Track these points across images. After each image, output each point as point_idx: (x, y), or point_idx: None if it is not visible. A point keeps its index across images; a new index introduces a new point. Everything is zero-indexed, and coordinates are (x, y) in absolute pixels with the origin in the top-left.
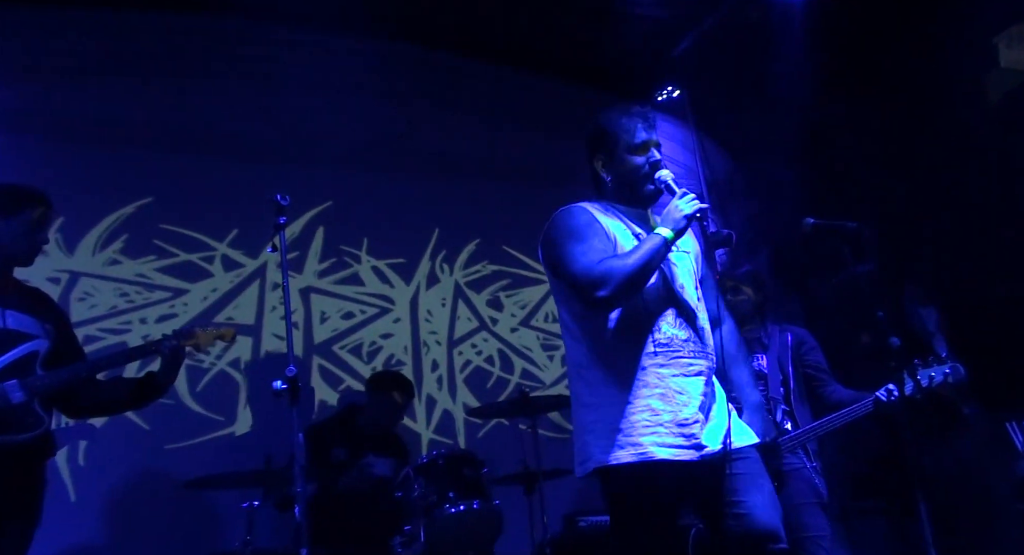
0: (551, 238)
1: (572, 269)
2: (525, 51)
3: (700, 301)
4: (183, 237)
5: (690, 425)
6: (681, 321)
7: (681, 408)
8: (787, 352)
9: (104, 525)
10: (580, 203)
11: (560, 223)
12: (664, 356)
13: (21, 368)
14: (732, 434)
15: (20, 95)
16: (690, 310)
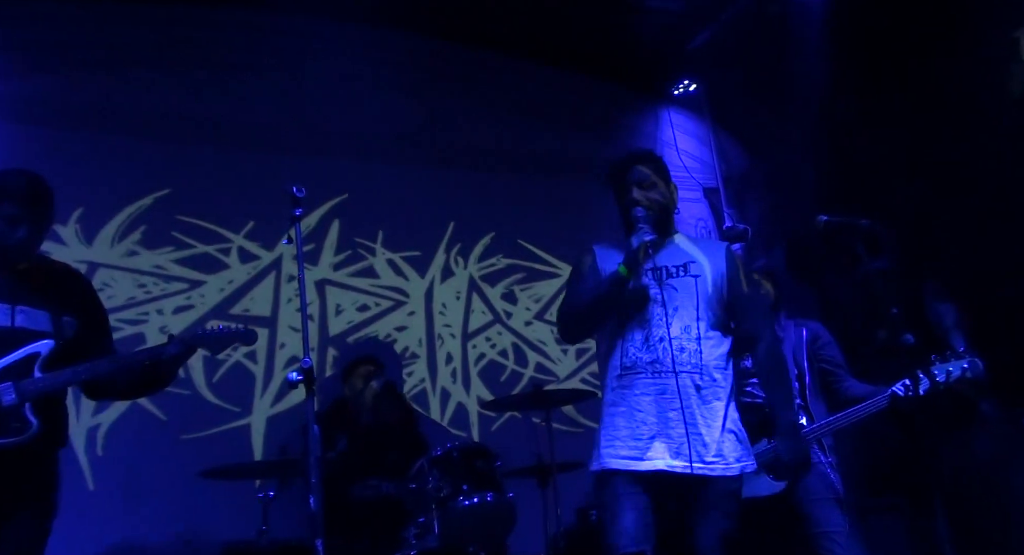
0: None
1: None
2: (543, 45)
3: (700, 321)
4: (200, 229)
5: (644, 440)
6: (648, 345)
7: (639, 425)
8: (802, 347)
9: (121, 514)
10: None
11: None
12: (627, 378)
13: (19, 369)
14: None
15: (40, 87)
16: (664, 334)
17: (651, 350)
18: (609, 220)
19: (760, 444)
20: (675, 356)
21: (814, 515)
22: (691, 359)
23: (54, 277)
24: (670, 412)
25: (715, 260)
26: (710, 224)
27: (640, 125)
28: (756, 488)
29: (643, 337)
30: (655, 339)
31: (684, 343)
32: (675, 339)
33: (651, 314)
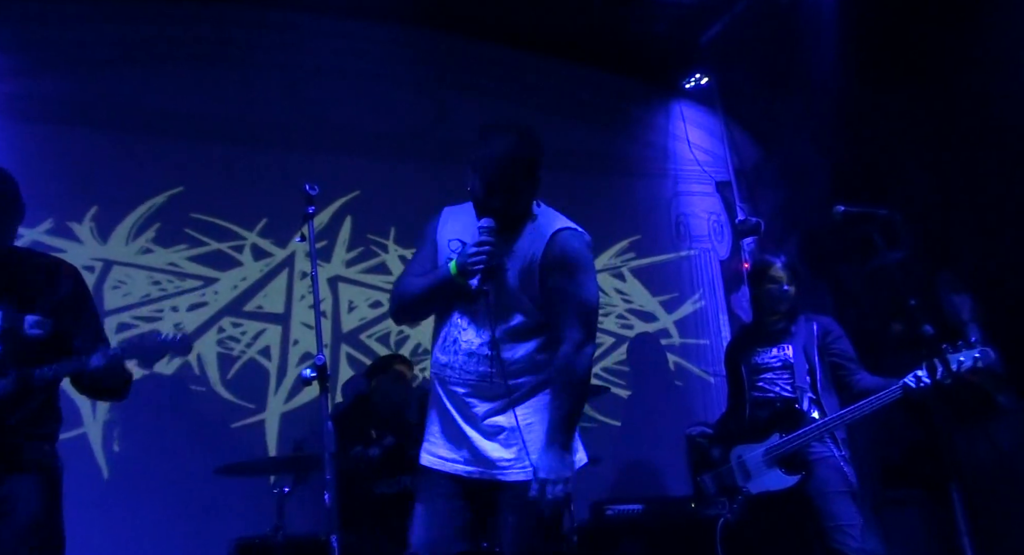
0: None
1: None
2: (554, 38)
3: (491, 329)
4: (213, 226)
5: (450, 441)
6: (455, 349)
7: (447, 424)
8: (813, 341)
9: (137, 509)
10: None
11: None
12: (438, 377)
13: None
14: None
15: (53, 85)
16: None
17: (454, 354)
18: (622, 213)
19: (772, 438)
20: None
21: (828, 509)
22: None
23: (29, 269)
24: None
25: (533, 248)
26: (723, 218)
27: (652, 119)
28: (768, 483)
29: (446, 339)
30: (462, 342)
31: (491, 348)
32: (466, 342)
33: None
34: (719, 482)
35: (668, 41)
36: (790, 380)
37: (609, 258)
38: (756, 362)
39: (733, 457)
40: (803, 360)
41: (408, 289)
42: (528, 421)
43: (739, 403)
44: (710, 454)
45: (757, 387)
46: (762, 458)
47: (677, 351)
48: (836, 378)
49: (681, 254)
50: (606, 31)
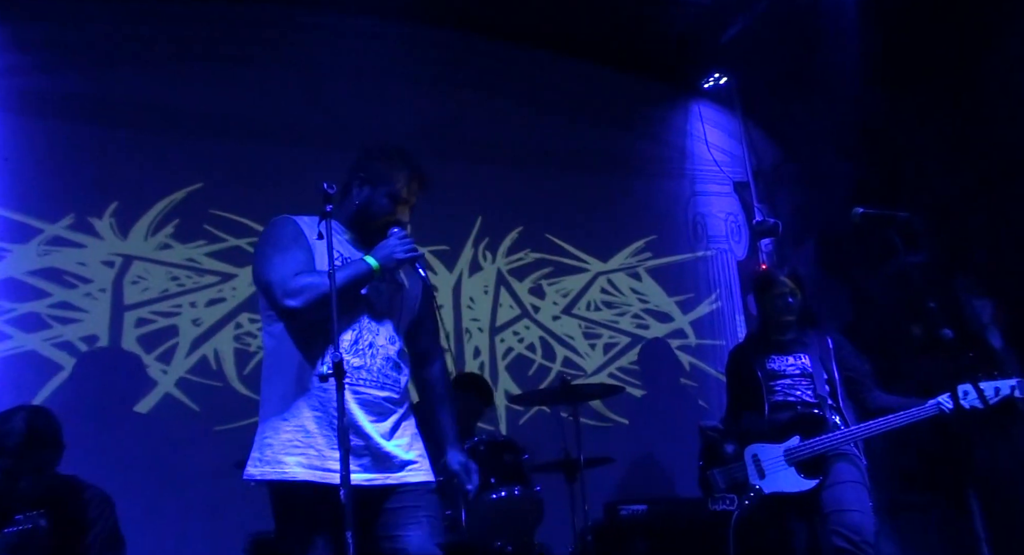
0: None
1: (270, 276)
2: (571, 38)
3: (397, 336)
4: (232, 222)
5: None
6: (371, 352)
7: (336, 430)
8: (829, 355)
9: (155, 503)
10: (289, 216)
11: (265, 233)
12: (347, 382)
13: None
14: (400, 469)
15: (75, 82)
16: (373, 340)
17: (361, 355)
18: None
19: (792, 440)
20: (385, 365)
21: (835, 496)
22: (394, 372)
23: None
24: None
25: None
26: (740, 219)
27: (670, 119)
28: (783, 483)
29: (354, 339)
30: (368, 345)
31: (391, 354)
32: (385, 349)
33: (366, 316)
34: (730, 478)
35: (687, 41)
36: (811, 387)
37: (625, 258)
38: (772, 368)
39: (748, 454)
40: (821, 370)
41: (323, 283)
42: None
43: (754, 405)
44: (722, 449)
45: (775, 391)
46: (780, 458)
47: (693, 352)
48: (850, 393)
49: (698, 254)
50: (624, 31)
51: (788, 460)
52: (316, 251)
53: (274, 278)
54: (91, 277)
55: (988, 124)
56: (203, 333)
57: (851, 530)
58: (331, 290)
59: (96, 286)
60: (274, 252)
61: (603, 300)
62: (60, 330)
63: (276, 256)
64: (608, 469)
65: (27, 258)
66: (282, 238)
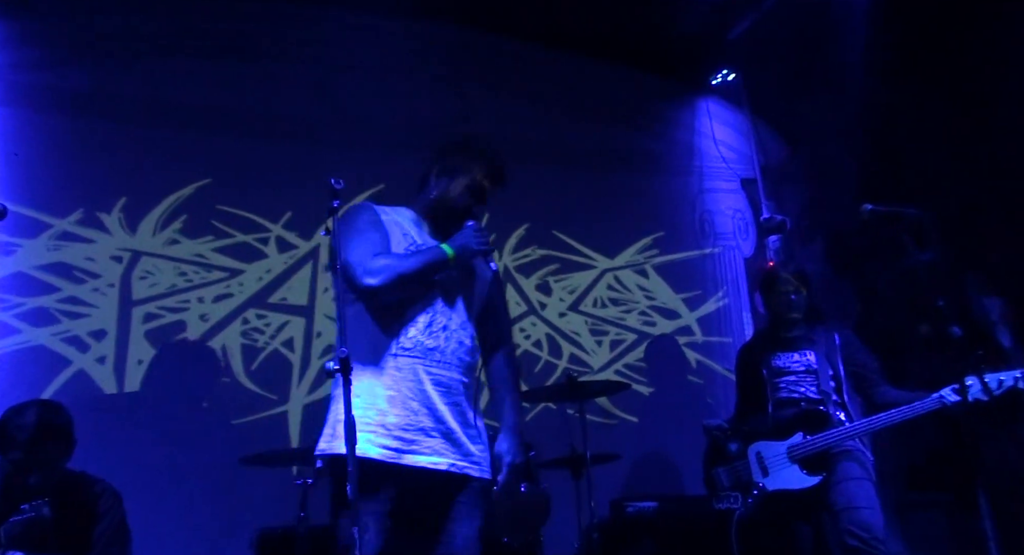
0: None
1: (349, 257)
2: (579, 35)
3: (469, 322)
4: (239, 218)
5: (413, 431)
6: (445, 335)
7: (410, 414)
8: (836, 351)
9: (162, 498)
10: (368, 202)
11: (345, 218)
12: (421, 362)
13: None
14: (465, 458)
15: (84, 77)
16: (447, 324)
17: (434, 337)
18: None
19: (795, 437)
20: (458, 349)
21: (844, 492)
22: (466, 356)
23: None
24: (446, 405)
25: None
26: (747, 216)
27: (678, 115)
28: (786, 481)
29: (429, 322)
30: (442, 327)
31: (463, 338)
32: (459, 333)
33: (443, 301)
34: (734, 476)
35: (695, 37)
36: (815, 384)
37: (632, 254)
38: (777, 365)
39: (751, 452)
40: (827, 367)
41: (406, 264)
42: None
43: (758, 402)
44: (727, 448)
45: (780, 388)
46: (783, 456)
47: (700, 349)
48: (858, 388)
49: (705, 251)
50: (632, 27)
51: (791, 457)
52: (393, 236)
53: (354, 258)
54: (100, 272)
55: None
56: (210, 328)
57: (861, 528)
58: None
59: (105, 281)
60: (352, 234)
61: (610, 297)
62: (69, 325)
63: (356, 238)
64: (614, 466)
65: (36, 253)
66: (361, 222)
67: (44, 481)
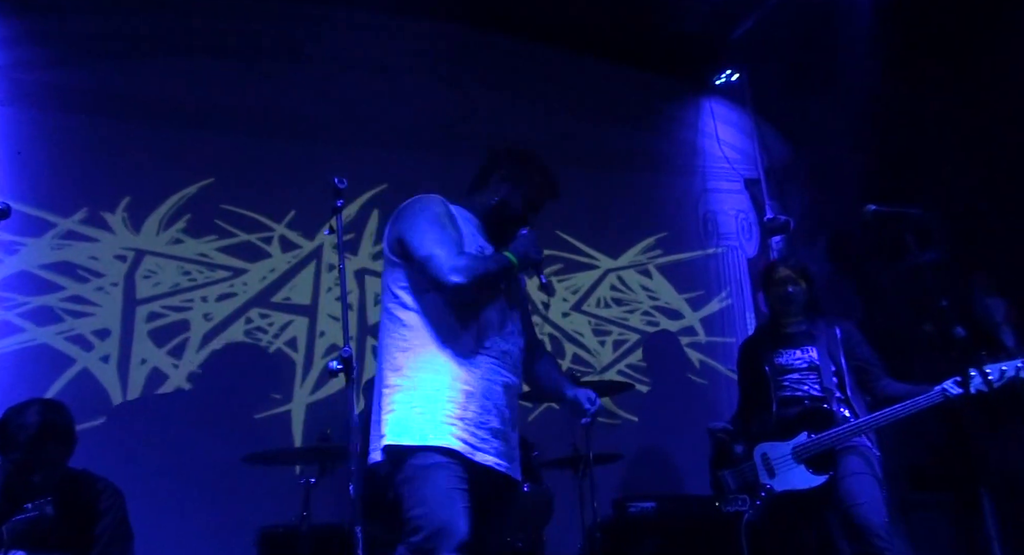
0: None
1: (432, 249)
2: (583, 34)
3: (523, 327)
4: (243, 218)
5: (484, 430)
6: (506, 334)
7: (483, 412)
8: (837, 345)
9: (165, 496)
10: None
11: (417, 207)
12: (497, 362)
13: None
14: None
15: (88, 77)
16: (513, 328)
17: (505, 342)
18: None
19: (800, 437)
20: (518, 352)
21: (853, 488)
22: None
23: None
24: (506, 407)
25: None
26: (751, 216)
27: (681, 115)
28: (793, 481)
29: (501, 326)
30: (511, 332)
31: (520, 343)
32: (518, 338)
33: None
34: (741, 478)
35: (699, 37)
36: (818, 381)
37: (636, 254)
38: (780, 363)
39: (757, 454)
40: (829, 362)
41: (486, 266)
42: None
43: (762, 402)
44: (732, 450)
45: (783, 387)
46: (788, 456)
47: (703, 349)
48: (861, 383)
49: (708, 251)
50: (636, 27)
51: (797, 457)
52: (464, 236)
53: (439, 252)
54: (103, 271)
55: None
56: (214, 327)
57: (863, 523)
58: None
59: (108, 280)
60: (432, 226)
61: (613, 297)
62: (72, 324)
63: (436, 230)
64: (617, 466)
65: (40, 252)
66: (439, 214)
67: (47, 480)
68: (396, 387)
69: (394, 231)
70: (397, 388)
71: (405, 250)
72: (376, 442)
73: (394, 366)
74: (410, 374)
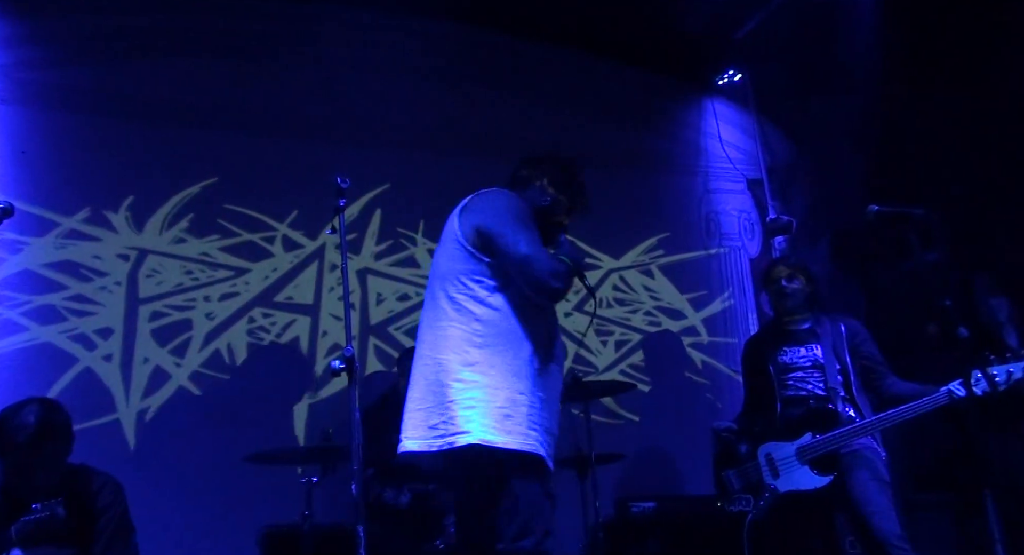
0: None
1: (530, 250)
2: (584, 33)
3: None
4: (245, 217)
5: (551, 436)
6: (561, 343)
7: (551, 416)
8: (842, 342)
9: (167, 495)
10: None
11: (503, 202)
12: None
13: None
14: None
15: (91, 76)
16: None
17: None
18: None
19: (804, 437)
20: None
21: (866, 496)
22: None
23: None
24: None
25: None
26: (753, 216)
27: (684, 115)
28: (797, 482)
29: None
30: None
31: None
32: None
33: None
34: (745, 479)
35: (701, 37)
36: (822, 379)
37: (638, 255)
38: (784, 361)
39: (761, 454)
40: (834, 360)
41: (569, 271)
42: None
43: (767, 401)
44: (736, 450)
45: (787, 385)
46: (793, 457)
47: (705, 349)
48: (867, 382)
49: (711, 252)
50: (638, 26)
51: (802, 458)
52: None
53: (538, 254)
54: (106, 270)
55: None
56: (216, 327)
57: (878, 533)
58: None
59: (111, 279)
60: (523, 226)
61: (615, 297)
62: (75, 323)
63: (529, 231)
64: (619, 466)
65: (43, 251)
66: (526, 214)
67: (48, 479)
68: (474, 383)
69: (474, 222)
70: (475, 384)
71: (489, 244)
72: (437, 428)
73: (468, 360)
74: (490, 373)
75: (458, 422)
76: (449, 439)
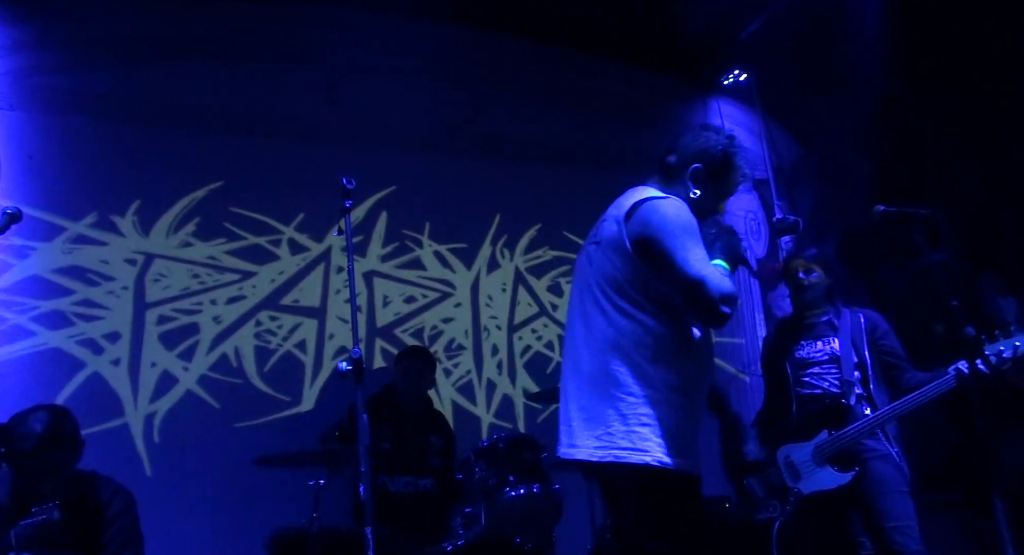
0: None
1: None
2: (589, 34)
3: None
4: (252, 220)
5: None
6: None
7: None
8: (861, 335)
9: (176, 499)
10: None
11: (673, 214)
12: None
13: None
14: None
15: (97, 80)
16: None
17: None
18: None
19: (820, 436)
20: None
21: (887, 508)
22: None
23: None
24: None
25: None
26: (760, 216)
27: (689, 115)
28: (820, 482)
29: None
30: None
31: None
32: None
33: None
34: (767, 484)
35: (707, 37)
36: (838, 374)
37: None
38: (801, 357)
39: (780, 457)
40: (851, 353)
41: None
42: None
43: (783, 400)
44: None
45: (803, 383)
46: (811, 457)
47: None
48: (887, 377)
49: None
50: (644, 27)
51: (820, 457)
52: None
53: (710, 274)
54: (114, 275)
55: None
56: (223, 330)
57: (899, 549)
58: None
59: (119, 284)
60: (694, 243)
61: None
62: (83, 327)
63: (699, 248)
64: None
65: (51, 256)
66: (696, 228)
67: (54, 486)
68: (650, 400)
69: (642, 231)
70: (652, 401)
71: (655, 257)
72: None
73: (644, 375)
74: (665, 392)
75: (633, 439)
76: (619, 453)
